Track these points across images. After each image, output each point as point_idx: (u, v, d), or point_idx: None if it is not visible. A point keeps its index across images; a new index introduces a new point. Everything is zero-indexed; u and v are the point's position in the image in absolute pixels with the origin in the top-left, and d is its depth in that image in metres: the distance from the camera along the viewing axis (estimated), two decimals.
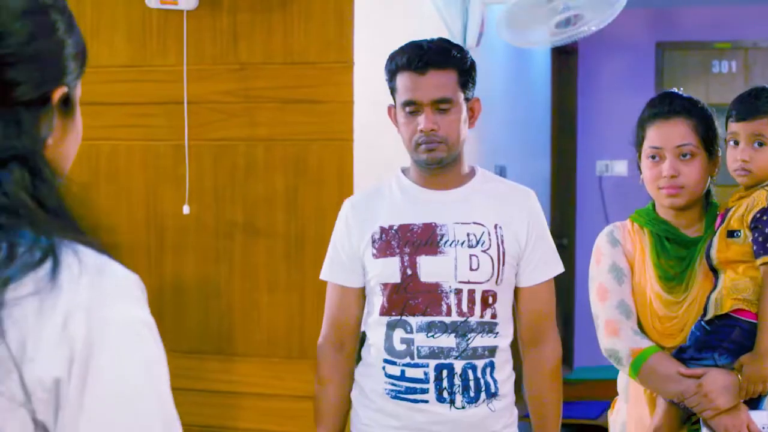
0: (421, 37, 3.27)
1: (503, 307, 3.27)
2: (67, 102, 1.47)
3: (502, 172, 6.21)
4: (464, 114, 3.24)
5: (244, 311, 4.22)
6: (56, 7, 1.46)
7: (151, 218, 4.33)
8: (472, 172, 3.37)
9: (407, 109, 3.20)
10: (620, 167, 8.75)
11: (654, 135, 3.25)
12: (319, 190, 4.11)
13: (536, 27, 5.10)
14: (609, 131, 8.91)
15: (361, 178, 4.08)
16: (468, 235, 3.23)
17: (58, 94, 1.45)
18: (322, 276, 3.41)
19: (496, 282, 3.24)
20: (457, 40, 5.14)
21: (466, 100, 3.26)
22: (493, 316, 3.24)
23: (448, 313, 3.20)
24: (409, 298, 3.22)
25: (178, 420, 1.41)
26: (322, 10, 4.09)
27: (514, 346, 3.36)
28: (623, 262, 3.32)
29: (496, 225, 3.26)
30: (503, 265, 3.24)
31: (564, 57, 8.81)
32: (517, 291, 3.34)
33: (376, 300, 3.29)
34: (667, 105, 3.27)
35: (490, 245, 3.23)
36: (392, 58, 3.26)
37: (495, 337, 3.25)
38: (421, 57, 3.19)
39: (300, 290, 4.14)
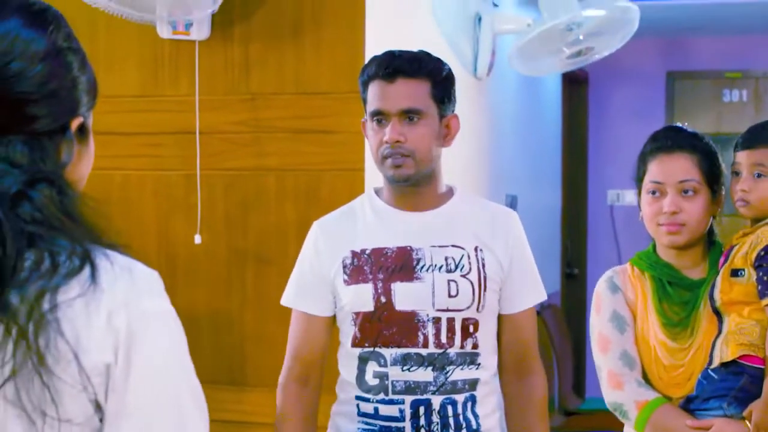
0: None
1: (486, 336, 3.04)
2: (82, 130, 1.69)
3: (513, 201, 6.21)
4: (437, 129, 3.01)
5: (256, 341, 4.22)
6: (71, 48, 1.67)
7: (163, 247, 4.34)
8: (450, 192, 3.13)
9: (375, 119, 2.99)
10: (631, 197, 8.66)
11: (655, 169, 3.14)
12: None
13: (547, 57, 5.12)
14: (620, 160, 8.88)
15: None
16: (446, 258, 2.99)
17: (75, 124, 1.67)
18: (285, 301, 3.17)
19: (478, 309, 3.00)
20: (467, 69, 5.16)
21: (441, 116, 3.03)
22: (475, 346, 3.00)
23: (425, 345, 2.95)
24: (383, 328, 2.97)
25: (201, 389, 1.68)
26: (333, 41, 4.11)
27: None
28: (625, 309, 3.18)
29: (477, 247, 3.03)
30: (485, 290, 3.00)
31: (575, 86, 8.82)
32: (499, 319, 3.11)
33: (348, 330, 3.05)
34: (670, 139, 3.16)
35: (470, 269, 3.00)
36: (364, 68, 3.09)
37: (477, 368, 3.01)
38: (390, 64, 2.99)
39: None
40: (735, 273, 3.03)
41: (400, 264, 2.98)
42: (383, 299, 2.96)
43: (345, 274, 3.02)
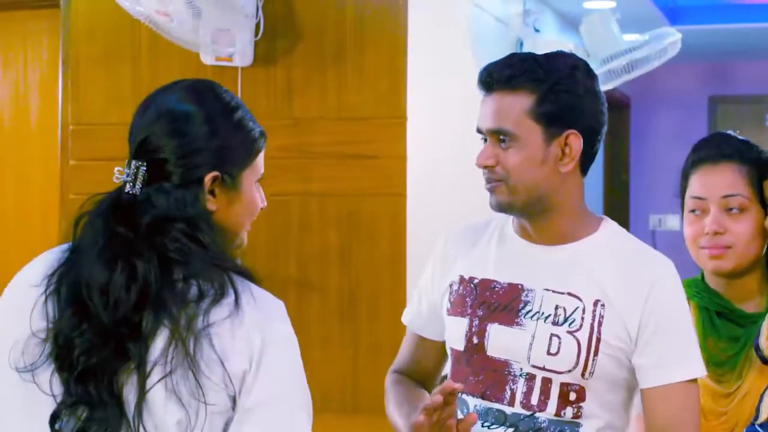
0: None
1: (599, 408, 2.45)
2: (225, 181, 2.08)
3: None
4: (540, 153, 2.43)
5: None
6: (198, 118, 2.10)
7: None
8: (595, 226, 2.54)
9: (480, 137, 2.51)
10: (673, 222, 8.69)
11: (697, 183, 2.67)
12: (373, 245, 4.12)
13: None
14: (662, 185, 8.84)
15: (414, 234, 4.09)
16: (556, 308, 2.45)
17: (208, 178, 2.05)
18: (403, 318, 2.76)
19: (583, 375, 2.42)
20: None
21: (551, 135, 2.44)
22: (577, 416, 2.44)
23: (511, 403, 2.46)
24: (470, 373, 2.51)
25: (310, 396, 2.07)
26: (375, 66, 4.12)
27: None
28: None
29: (597, 302, 2.44)
30: (595, 355, 2.41)
31: (617, 111, 8.80)
32: (645, 395, 2.46)
33: (449, 367, 2.63)
34: (714, 148, 2.69)
35: (581, 326, 2.42)
36: None
37: None
38: (492, 71, 2.47)
39: (354, 345, 4.14)
40: None
41: (505, 303, 2.50)
42: (475, 340, 2.51)
43: (449, 302, 2.59)
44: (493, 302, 2.50)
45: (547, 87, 2.43)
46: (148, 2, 3.92)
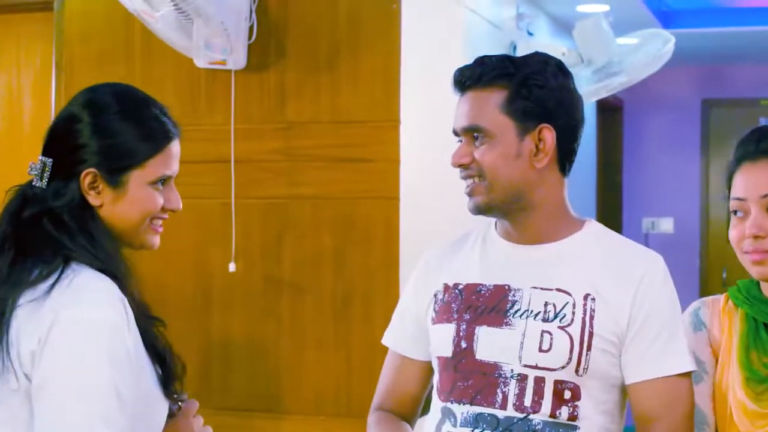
0: None
1: (594, 408, 2.39)
2: (106, 178, 2.20)
3: None
4: (514, 148, 2.42)
5: (292, 369, 4.22)
6: (85, 118, 2.23)
7: (200, 275, 4.35)
8: (578, 226, 2.53)
9: (456, 139, 2.53)
10: (666, 225, 8.71)
11: (738, 183, 2.44)
12: (366, 249, 4.12)
13: (583, 92, 5.12)
14: (655, 188, 8.90)
15: (407, 237, 4.09)
16: (546, 304, 2.41)
17: (84, 174, 2.18)
18: (384, 340, 2.73)
19: (577, 371, 2.37)
20: None
21: (524, 130, 2.43)
22: (573, 417, 2.37)
23: (503, 406, 2.38)
24: (458, 378, 2.44)
25: (100, 377, 2.04)
26: (369, 70, 4.12)
27: None
28: (706, 353, 2.51)
29: (587, 296, 2.40)
30: (588, 349, 2.37)
31: (610, 114, 8.81)
32: (630, 390, 2.44)
33: (435, 378, 2.55)
34: (753, 144, 2.45)
35: (572, 321, 2.38)
36: None
37: None
38: (463, 72, 2.50)
39: (347, 348, 4.14)
40: None
41: (492, 305, 2.45)
42: (463, 344, 2.44)
43: (434, 311, 2.55)
44: (480, 305, 2.46)
45: (518, 81, 2.43)
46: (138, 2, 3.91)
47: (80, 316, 2.06)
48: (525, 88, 2.43)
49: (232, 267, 4.24)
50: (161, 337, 2.25)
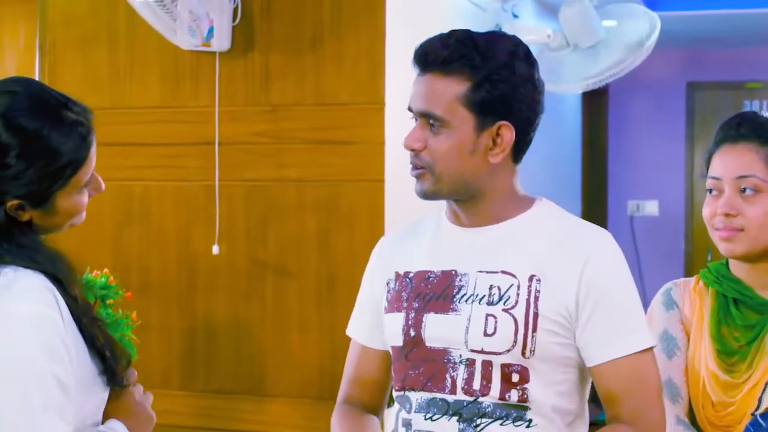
0: None
1: (545, 390, 2.36)
2: (36, 205, 2.16)
3: None
4: (470, 141, 2.35)
5: (276, 352, 4.23)
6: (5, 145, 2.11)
7: (183, 258, 4.35)
8: (528, 205, 2.46)
9: (410, 116, 2.45)
10: (651, 207, 8.71)
11: (715, 163, 2.58)
12: (351, 232, 4.12)
13: (569, 77, 5.12)
14: (640, 171, 8.90)
15: (392, 220, 4.09)
16: (490, 288, 2.37)
17: (9, 206, 2.13)
18: (347, 330, 2.72)
19: (524, 353, 2.33)
20: None
21: (482, 125, 2.34)
22: (523, 399, 2.34)
23: (452, 391, 2.36)
24: (409, 367, 2.43)
25: (34, 367, 2.02)
26: (353, 53, 4.11)
27: None
28: (678, 329, 2.64)
29: (532, 276, 2.35)
30: (534, 331, 2.32)
31: (595, 97, 8.81)
32: (593, 373, 2.39)
33: (392, 368, 2.53)
34: (734, 128, 2.58)
35: (516, 303, 2.34)
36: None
37: (527, 427, 2.35)
38: (426, 51, 2.38)
39: (331, 331, 4.14)
40: None
41: (440, 291, 2.41)
42: (412, 332, 2.42)
43: (386, 301, 2.52)
44: (428, 292, 2.42)
45: (483, 75, 2.33)
46: None
47: (9, 309, 2.05)
48: (488, 82, 2.33)
49: (215, 249, 4.24)
50: (101, 334, 2.21)
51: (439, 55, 2.35)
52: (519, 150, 2.42)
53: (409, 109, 2.42)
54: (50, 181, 2.15)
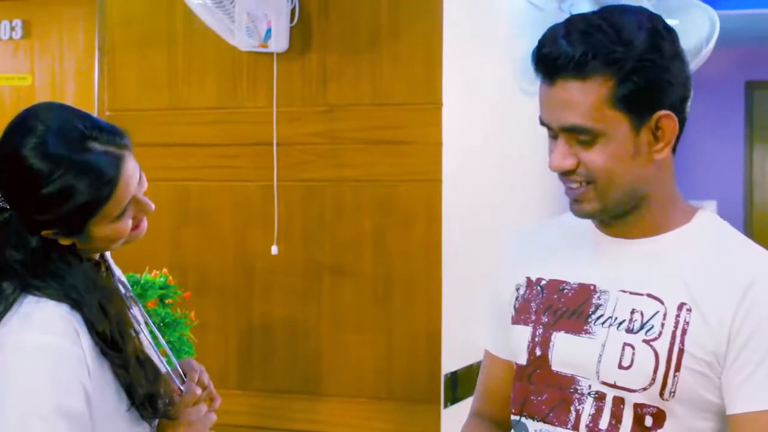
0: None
1: None
2: (71, 235, 2.17)
3: None
4: (627, 145, 2.03)
5: (332, 351, 4.23)
6: (35, 174, 2.10)
7: (240, 258, 4.36)
8: (688, 216, 2.15)
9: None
10: (709, 208, 8.65)
11: None
12: (408, 232, 4.11)
13: None
14: (699, 172, 8.84)
15: (449, 220, 4.08)
16: (632, 312, 2.05)
17: (45, 233, 2.15)
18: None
19: (662, 394, 2.00)
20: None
21: (639, 122, 2.03)
22: None
23: (575, 426, 2.07)
24: (532, 391, 2.15)
25: (42, 401, 2.03)
26: (410, 52, 4.11)
27: None
28: None
29: (682, 305, 2.01)
30: (677, 370, 1.99)
31: None
32: (730, 422, 2.03)
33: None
34: None
35: (660, 334, 2.01)
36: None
37: None
38: (549, 53, 2.01)
39: (387, 331, 4.13)
40: None
41: (574, 307, 2.12)
42: (538, 351, 2.14)
43: (513, 309, 2.24)
44: (560, 307, 2.13)
45: (628, 68, 1.98)
46: None
47: (20, 340, 2.07)
48: (635, 73, 1.99)
49: (274, 250, 4.25)
50: (133, 371, 2.18)
51: (569, 56, 1.99)
52: (678, 138, 2.15)
53: (543, 123, 2.09)
54: (75, 216, 2.16)
